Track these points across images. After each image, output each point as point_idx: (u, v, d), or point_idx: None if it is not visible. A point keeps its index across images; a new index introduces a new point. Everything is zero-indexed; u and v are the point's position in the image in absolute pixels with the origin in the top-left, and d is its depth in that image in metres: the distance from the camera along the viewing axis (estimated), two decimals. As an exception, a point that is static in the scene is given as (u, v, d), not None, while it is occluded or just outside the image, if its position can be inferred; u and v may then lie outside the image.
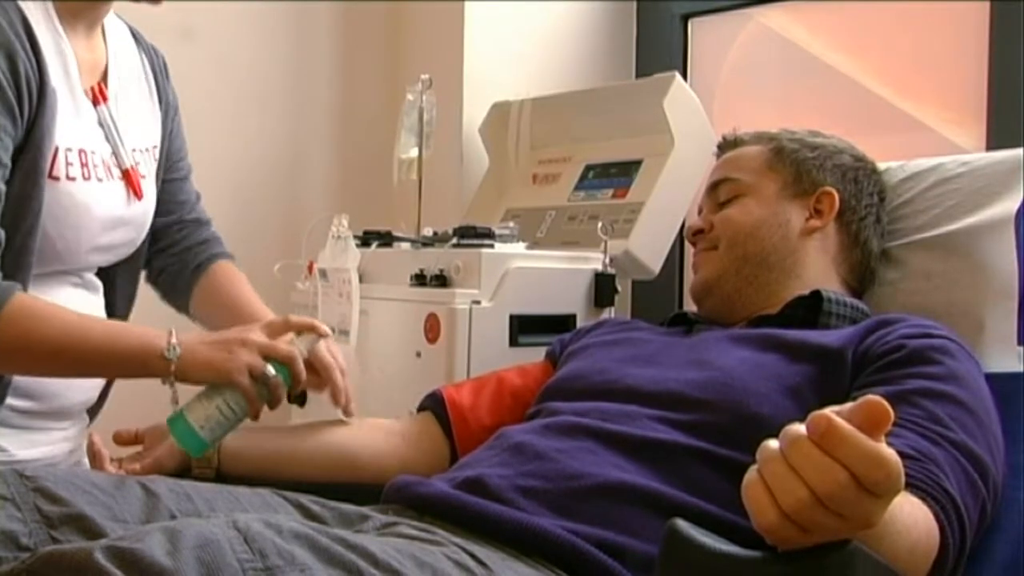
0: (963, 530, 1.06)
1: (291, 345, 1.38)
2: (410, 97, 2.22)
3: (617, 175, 2.23)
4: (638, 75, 2.78)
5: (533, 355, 1.71)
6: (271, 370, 1.34)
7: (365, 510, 1.22)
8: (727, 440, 1.22)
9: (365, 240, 2.09)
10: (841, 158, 1.57)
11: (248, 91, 2.61)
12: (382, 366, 1.89)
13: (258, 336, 1.36)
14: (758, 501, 0.78)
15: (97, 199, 1.49)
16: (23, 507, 1.06)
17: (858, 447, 0.74)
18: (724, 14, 2.64)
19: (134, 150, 1.59)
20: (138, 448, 1.46)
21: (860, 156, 1.59)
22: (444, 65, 2.58)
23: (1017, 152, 1.53)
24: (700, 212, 1.64)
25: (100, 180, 1.50)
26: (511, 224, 2.05)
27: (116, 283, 1.64)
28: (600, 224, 1.95)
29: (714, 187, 1.61)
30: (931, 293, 1.51)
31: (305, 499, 1.24)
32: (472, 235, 1.91)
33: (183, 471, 1.40)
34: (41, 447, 1.54)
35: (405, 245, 2.05)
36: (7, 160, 1.35)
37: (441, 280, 1.86)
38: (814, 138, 1.60)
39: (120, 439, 1.48)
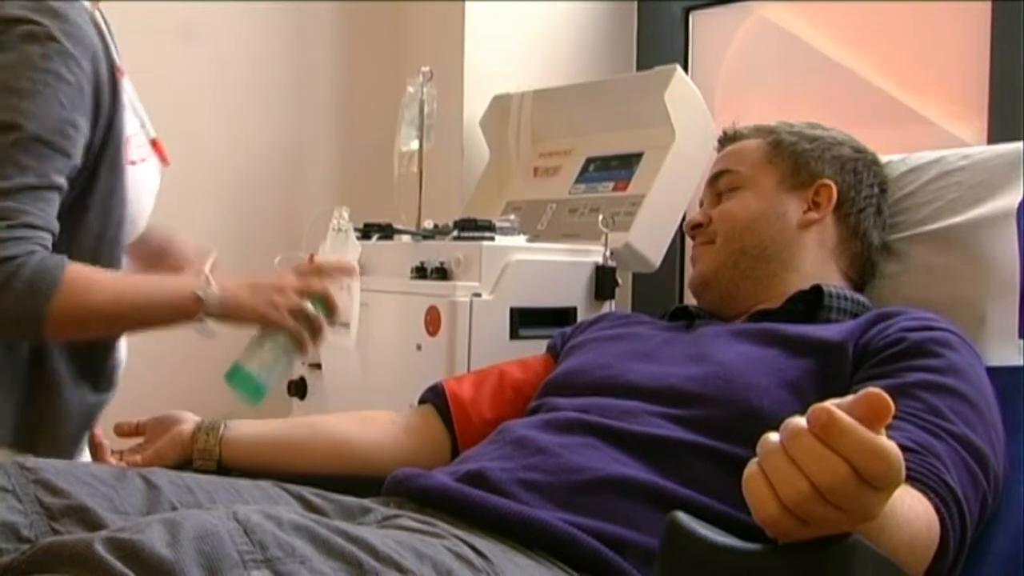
0: (963, 523, 1.06)
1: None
2: (411, 90, 2.22)
3: (618, 168, 2.23)
4: (639, 68, 2.77)
5: (534, 348, 1.71)
6: (310, 307, 1.43)
7: (366, 502, 1.22)
8: (728, 435, 1.22)
9: (366, 233, 2.09)
10: (840, 149, 1.57)
11: (249, 85, 2.61)
12: (382, 359, 1.89)
13: (291, 280, 1.45)
14: (759, 494, 0.78)
15: (149, 176, 1.59)
16: (24, 499, 1.07)
17: (859, 440, 0.74)
18: (725, 7, 2.63)
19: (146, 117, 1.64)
20: (139, 440, 1.46)
21: (860, 147, 1.59)
22: (445, 58, 2.57)
23: (1018, 145, 1.53)
24: (701, 205, 1.64)
25: (145, 159, 1.57)
26: (512, 217, 2.05)
27: None
28: (601, 217, 1.95)
29: (713, 180, 1.61)
30: (932, 286, 1.51)
31: (306, 491, 1.24)
32: (473, 228, 1.91)
33: (184, 463, 1.40)
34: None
35: (406, 238, 2.05)
36: (78, 159, 1.41)
37: (442, 273, 1.86)
38: (813, 130, 1.59)
39: (121, 431, 1.48)
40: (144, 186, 1.57)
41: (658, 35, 2.74)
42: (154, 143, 1.63)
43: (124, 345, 1.64)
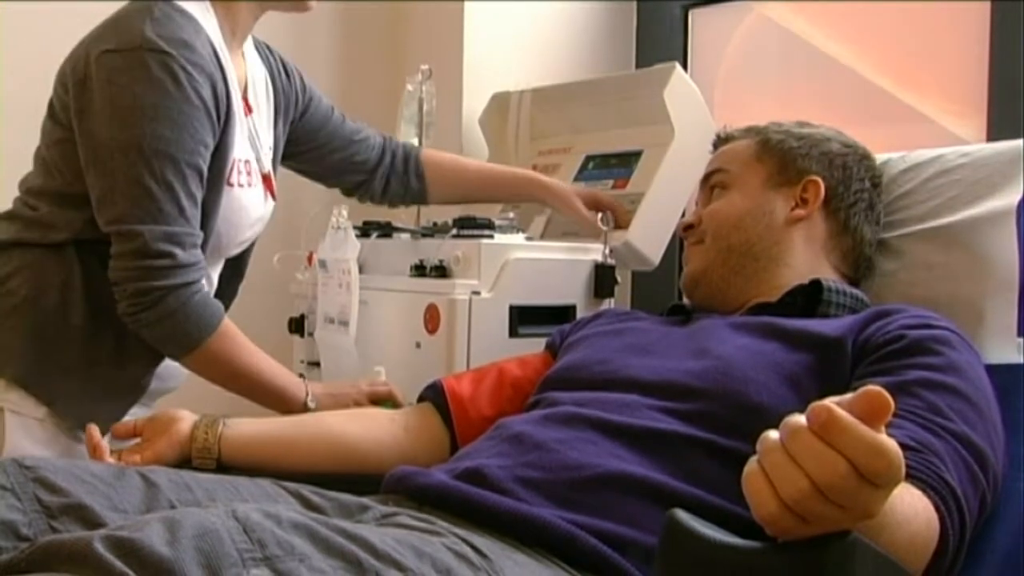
0: (963, 521, 1.06)
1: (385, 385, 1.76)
2: (410, 87, 2.22)
3: (617, 166, 2.23)
4: (638, 65, 2.77)
5: (533, 346, 1.71)
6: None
7: (365, 500, 1.22)
8: (727, 429, 1.22)
9: (365, 231, 2.09)
10: (828, 145, 1.57)
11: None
12: (382, 356, 1.89)
13: (365, 387, 1.74)
14: (758, 491, 0.78)
15: (252, 202, 1.72)
16: (23, 497, 1.06)
17: (859, 437, 0.74)
18: (724, 4, 2.63)
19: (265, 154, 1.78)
20: (137, 440, 1.46)
21: (849, 143, 1.59)
22: (444, 55, 2.57)
23: (1018, 143, 1.52)
24: (696, 206, 1.65)
25: (251, 186, 1.71)
26: (511, 215, 2.05)
27: (240, 267, 1.89)
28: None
29: (705, 181, 1.63)
30: (931, 284, 1.51)
31: (305, 489, 1.24)
32: (472, 226, 1.91)
33: (183, 461, 1.40)
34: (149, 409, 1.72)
35: (405, 236, 2.05)
36: (205, 171, 1.56)
37: (441, 271, 1.86)
38: (801, 128, 1.60)
39: (119, 431, 1.48)
40: (242, 208, 1.69)
41: (657, 33, 2.74)
42: (266, 178, 1.77)
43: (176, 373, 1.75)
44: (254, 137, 1.73)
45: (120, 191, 1.51)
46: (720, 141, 1.67)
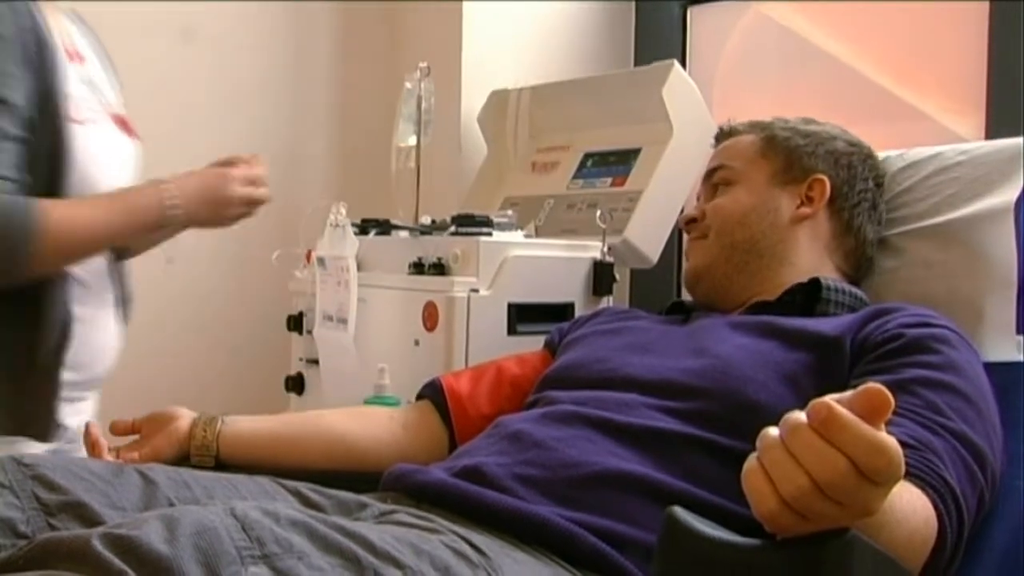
0: (961, 519, 1.06)
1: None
2: (408, 85, 2.21)
3: (616, 163, 2.23)
4: (637, 63, 2.77)
5: (531, 344, 1.71)
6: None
7: (363, 498, 1.22)
8: (725, 428, 1.22)
9: (363, 228, 2.08)
10: (834, 144, 1.57)
11: (247, 80, 2.60)
12: (380, 354, 1.89)
13: (237, 190, 1.68)
14: (758, 489, 0.78)
15: (107, 141, 1.65)
16: (21, 495, 1.06)
17: (859, 435, 0.74)
18: (723, 2, 2.63)
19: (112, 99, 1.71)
20: (135, 437, 1.46)
21: (854, 141, 1.59)
22: (442, 53, 2.57)
23: (1017, 141, 1.52)
24: (698, 201, 1.65)
25: (96, 123, 1.62)
26: (509, 212, 2.04)
27: None
28: (599, 212, 1.95)
29: (708, 176, 1.62)
30: (930, 282, 1.51)
31: (303, 487, 1.24)
32: (470, 223, 1.91)
33: (181, 459, 1.40)
34: (80, 416, 1.65)
35: (403, 233, 2.05)
36: (23, 106, 1.49)
37: (439, 268, 1.86)
38: (807, 125, 1.60)
39: (117, 429, 1.48)
40: (99, 149, 1.61)
41: (656, 30, 2.74)
42: (118, 119, 1.69)
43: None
44: (92, 84, 1.66)
45: None
46: (723, 135, 1.67)
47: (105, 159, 1.64)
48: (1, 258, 1.46)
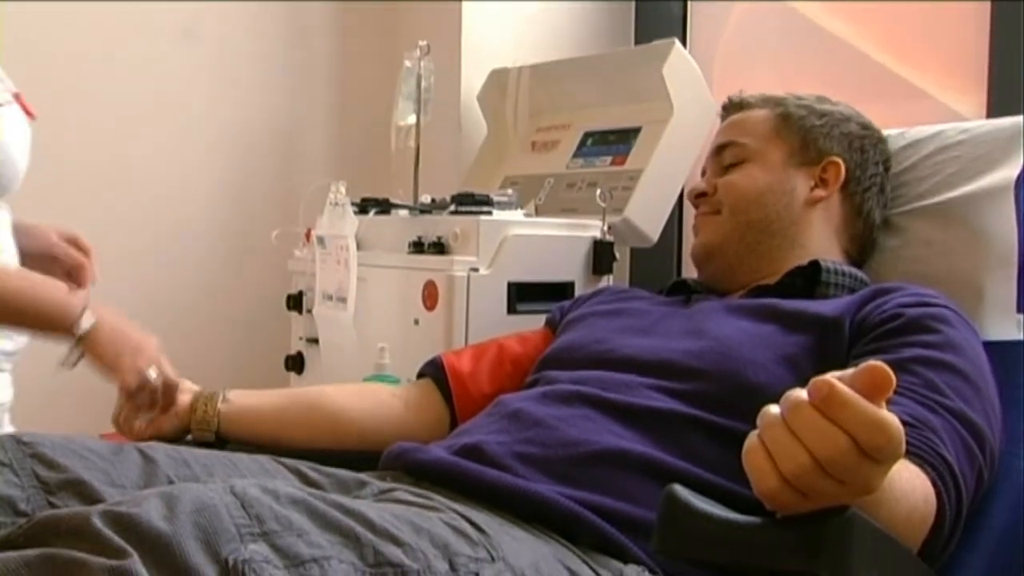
0: (960, 497, 1.07)
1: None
2: (408, 64, 2.21)
3: (616, 142, 2.22)
4: (637, 42, 2.76)
5: (531, 323, 1.71)
6: (152, 374, 1.41)
7: (363, 476, 1.22)
8: (724, 409, 1.22)
9: (363, 207, 2.08)
10: (848, 126, 1.56)
11: (247, 59, 2.60)
12: (380, 333, 1.89)
13: (151, 349, 1.47)
14: (759, 466, 0.78)
15: (19, 122, 1.59)
16: (20, 473, 1.06)
17: (860, 412, 0.74)
18: (724, -20, 2.62)
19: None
20: None
21: (867, 124, 1.58)
22: (442, 32, 2.56)
23: (1017, 119, 1.52)
24: (703, 174, 1.62)
25: (10, 104, 1.59)
26: (509, 191, 2.04)
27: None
28: (599, 191, 1.94)
29: (719, 150, 1.59)
30: (931, 261, 1.51)
31: (303, 465, 1.24)
32: (470, 202, 1.91)
33: (181, 433, 1.40)
34: (4, 389, 1.64)
35: (403, 212, 2.05)
36: None
37: (439, 247, 1.86)
38: (821, 105, 1.58)
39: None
40: (10, 132, 1.57)
41: (657, 9, 2.72)
42: (16, 96, 1.64)
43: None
44: None
45: None
46: (733, 107, 1.64)
47: (15, 143, 1.58)
48: None
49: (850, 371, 0.76)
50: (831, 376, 0.75)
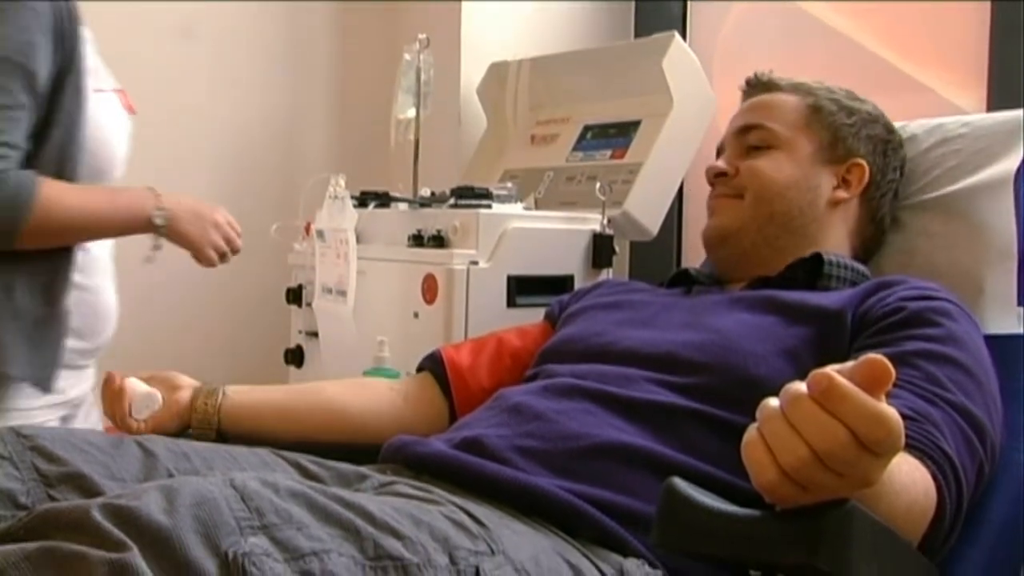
0: (960, 491, 1.07)
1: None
2: (407, 57, 2.20)
3: (616, 136, 2.22)
4: (637, 35, 2.75)
5: (531, 316, 1.71)
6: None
7: (363, 469, 1.22)
8: (725, 402, 1.22)
9: (362, 200, 2.08)
10: (875, 128, 1.54)
11: (247, 53, 2.60)
12: (380, 327, 1.89)
13: (223, 218, 1.74)
14: (758, 459, 0.78)
15: (116, 112, 1.70)
16: (20, 466, 1.06)
17: (860, 405, 0.74)
18: (724, -26, 2.61)
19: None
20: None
21: (892, 128, 1.56)
22: (442, 25, 2.56)
23: (1018, 113, 1.52)
24: (719, 154, 1.58)
25: (106, 93, 1.68)
26: (509, 185, 2.04)
27: None
28: (598, 185, 1.94)
29: (744, 131, 1.54)
30: (931, 254, 1.51)
31: (303, 458, 1.24)
32: (470, 195, 1.91)
33: (182, 430, 1.40)
34: (83, 384, 1.73)
35: (403, 206, 2.05)
36: (43, 77, 1.53)
37: (438, 241, 1.86)
38: (852, 102, 1.55)
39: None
40: (109, 117, 1.67)
41: (656, 8, 2.72)
42: (121, 92, 1.73)
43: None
44: (92, 49, 1.70)
45: None
46: (760, 86, 1.60)
47: (113, 129, 1.68)
48: (2, 223, 1.49)
49: (850, 364, 0.76)
50: (831, 369, 0.75)
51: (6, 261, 1.55)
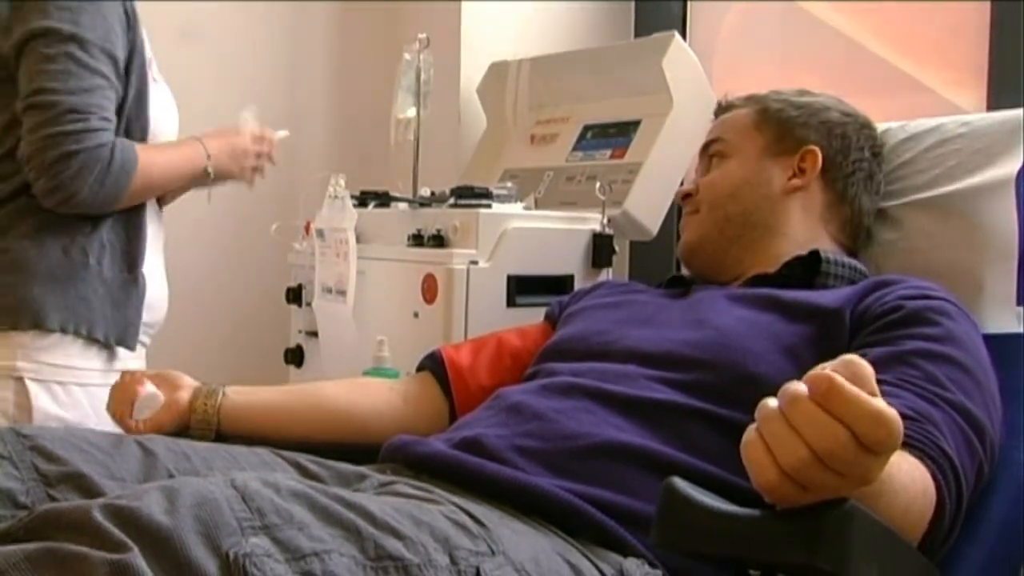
0: (959, 490, 1.07)
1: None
2: (407, 57, 2.20)
3: (615, 135, 2.22)
4: (637, 34, 2.75)
5: (530, 316, 1.71)
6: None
7: (363, 469, 1.22)
8: (725, 399, 1.22)
9: (362, 200, 2.08)
10: (827, 114, 1.56)
11: (246, 50, 2.59)
12: (379, 326, 1.89)
13: (251, 144, 1.95)
14: (758, 460, 0.78)
15: (170, 99, 1.88)
16: (20, 465, 1.07)
17: (859, 406, 0.74)
18: (724, -27, 2.61)
19: None
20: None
21: (849, 111, 1.58)
22: (442, 25, 2.56)
23: (1018, 113, 1.52)
24: (696, 174, 1.64)
25: (160, 82, 1.85)
26: (509, 184, 2.04)
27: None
28: (598, 185, 1.94)
29: (705, 148, 1.62)
30: (930, 253, 1.51)
31: (303, 458, 1.24)
32: (470, 195, 1.90)
33: (181, 431, 1.40)
34: (138, 360, 1.85)
35: (402, 205, 2.05)
36: (120, 58, 1.71)
37: (438, 240, 1.86)
38: (800, 97, 1.59)
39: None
40: (164, 106, 1.85)
41: (656, 7, 2.72)
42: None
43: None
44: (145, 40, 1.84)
45: (36, 71, 1.64)
46: (721, 109, 1.66)
47: (168, 116, 1.86)
48: (115, 187, 1.66)
49: (830, 364, 0.77)
50: (828, 369, 0.76)
51: (91, 233, 1.72)
